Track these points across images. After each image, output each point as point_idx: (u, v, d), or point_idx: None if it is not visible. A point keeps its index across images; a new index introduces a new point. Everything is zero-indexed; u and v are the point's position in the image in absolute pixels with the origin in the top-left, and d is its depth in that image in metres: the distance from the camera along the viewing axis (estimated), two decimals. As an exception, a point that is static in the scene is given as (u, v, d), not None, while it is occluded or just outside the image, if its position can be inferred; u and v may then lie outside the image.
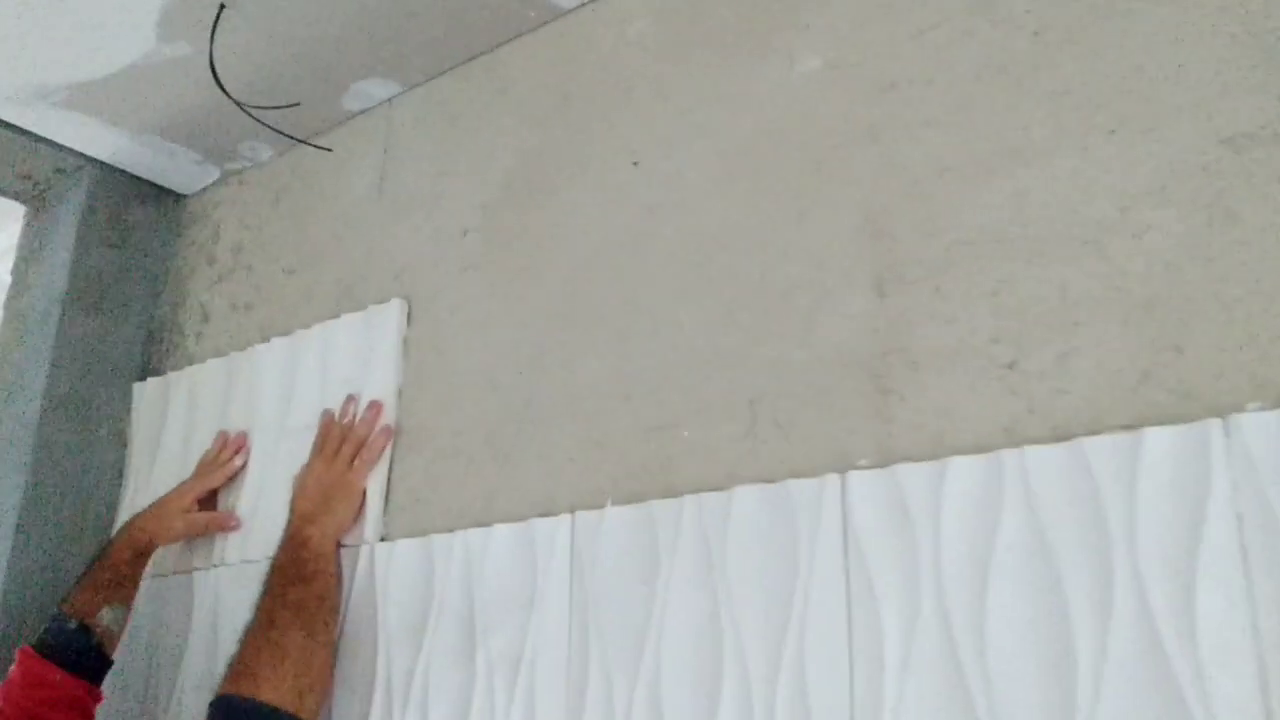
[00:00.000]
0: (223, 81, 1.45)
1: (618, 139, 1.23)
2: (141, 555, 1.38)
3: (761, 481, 0.98)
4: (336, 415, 1.36)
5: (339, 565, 1.28)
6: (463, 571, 1.18)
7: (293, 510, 1.28)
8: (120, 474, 1.69)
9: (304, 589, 1.18)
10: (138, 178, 1.78)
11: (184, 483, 1.47)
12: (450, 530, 1.22)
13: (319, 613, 1.18)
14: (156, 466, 1.62)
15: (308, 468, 1.33)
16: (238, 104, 1.47)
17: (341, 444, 1.32)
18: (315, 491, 1.28)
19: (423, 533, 1.25)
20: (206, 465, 1.49)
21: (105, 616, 1.26)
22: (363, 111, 1.56)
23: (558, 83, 1.32)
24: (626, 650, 1.02)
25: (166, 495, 1.46)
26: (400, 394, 1.35)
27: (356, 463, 1.30)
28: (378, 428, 1.33)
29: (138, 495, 1.63)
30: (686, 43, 1.21)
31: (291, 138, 1.56)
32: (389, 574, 1.25)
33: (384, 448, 1.32)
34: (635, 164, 1.20)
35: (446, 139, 1.44)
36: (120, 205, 1.76)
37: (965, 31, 0.99)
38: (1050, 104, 0.92)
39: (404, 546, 1.25)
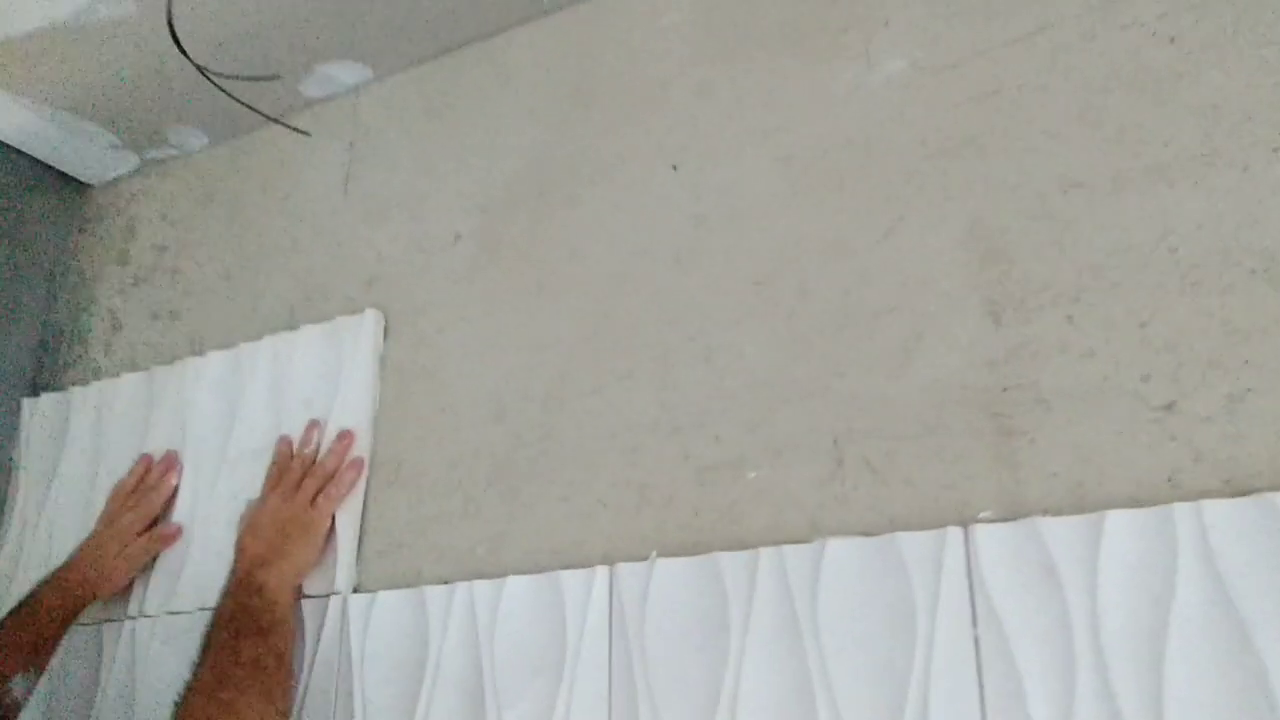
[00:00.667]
0: (175, 47, 1.24)
1: (651, 141, 1.09)
2: (74, 614, 1.15)
3: (855, 533, 0.85)
4: (296, 444, 1.17)
5: (298, 618, 1.09)
6: (466, 630, 1.01)
7: (241, 551, 1.08)
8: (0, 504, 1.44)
9: (260, 644, 0.99)
10: (38, 161, 1.53)
11: (114, 520, 1.23)
12: (446, 581, 1.04)
13: (278, 674, 0.99)
14: (52, 497, 1.38)
15: (260, 503, 1.13)
16: (202, 71, 1.26)
17: (303, 477, 1.12)
18: (270, 530, 1.08)
19: (410, 583, 1.07)
20: (133, 492, 1.26)
21: (18, 684, 1.03)
22: (325, 99, 1.37)
23: (575, 76, 1.17)
24: (688, 728, 0.87)
25: (97, 537, 1.22)
26: (376, 420, 1.17)
27: (320, 499, 1.11)
28: (347, 460, 1.14)
29: (26, 531, 1.38)
30: (732, 39, 1.08)
31: (265, 115, 1.35)
32: (368, 631, 1.06)
33: (354, 482, 1.13)
34: (674, 168, 1.07)
35: (430, 133, 1.27)
36: (14, 192, 1.51)
37: (1084, 35, 0.89)
38: (1197, 118, 0.83)
39: (388, 599, 1.06)
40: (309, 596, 1.11)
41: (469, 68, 1.26)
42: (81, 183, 1.59)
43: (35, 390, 1.49)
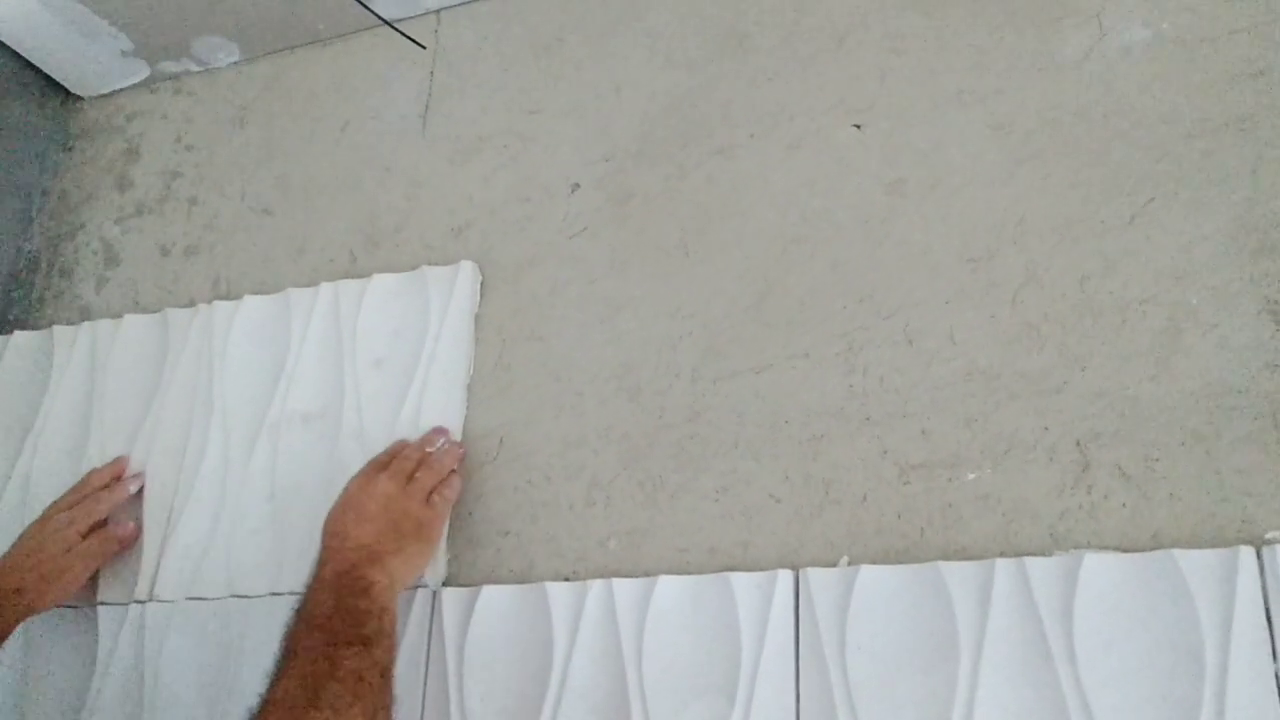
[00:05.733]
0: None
1: (826, 95, 0.97)
2: (5, 634, 0.94)
3: (1110, 548, 0.75)
4: (416, 442, 0.98)
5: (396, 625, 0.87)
6: (604, 637, 0.86)
7: (339, 537, 0.87)
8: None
9: (364, 655, 0.79)
10: (22, 61, 1.31)
11: (47, 521, 1.03)
12: (568, 577, 0.90)
13: (383, 694, 0.79)
14: (28, 449, 1.16)
15: (364, 484, 0.92)
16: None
17: (416, 469, 0.94)
18: (382, 519, 0.88)
19: (521, 578, 0.91)
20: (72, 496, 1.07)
21: None
22: (398, 20, 1.20)
23: (729, 17, 1.04)
24: (905, 765, 0.74)
25: (28, 540, 1.01)
26: (470, 388, 1.01)
27: (436, 497, 0.93)
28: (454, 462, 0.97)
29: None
30: (920, -9, 0.98)
31: (382, 19, 1.16)
32: (468, 633, 0.90)
33: (461, 490, 0.97)
34: (857, 127, 0.95)
35: (535, 68, 1.12)
36: (-7, 94, 1.29)
37: (1364, 21, 0.82)
38: None
39: (495, 596, 0.90)
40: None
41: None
42: (68, 92, 1.37)
43: (2, 325, 1.27)
